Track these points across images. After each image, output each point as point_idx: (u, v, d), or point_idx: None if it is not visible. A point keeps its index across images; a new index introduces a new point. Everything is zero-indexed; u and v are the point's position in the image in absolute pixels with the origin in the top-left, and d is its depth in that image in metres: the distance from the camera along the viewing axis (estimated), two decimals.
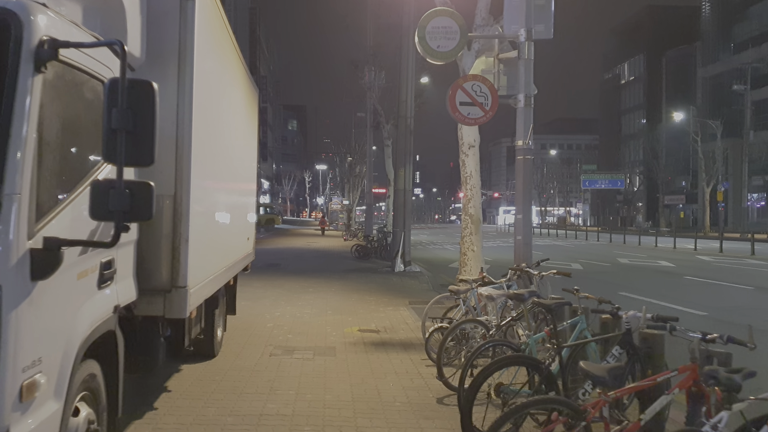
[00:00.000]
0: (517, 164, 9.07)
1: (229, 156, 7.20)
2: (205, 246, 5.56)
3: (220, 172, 6.52)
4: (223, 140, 6.62)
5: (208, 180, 5.69)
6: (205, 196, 5.60)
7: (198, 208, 5.19)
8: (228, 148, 7.08)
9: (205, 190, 5.54)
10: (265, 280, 16.63)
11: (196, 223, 5.12)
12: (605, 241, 43.72)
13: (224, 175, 6.81)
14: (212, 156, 5.91)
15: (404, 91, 21.21)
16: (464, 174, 11.87)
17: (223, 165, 6.69)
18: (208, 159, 5.67)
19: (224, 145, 6.76)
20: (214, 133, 5.98)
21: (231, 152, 7.31)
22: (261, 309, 11.84)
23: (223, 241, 6.78)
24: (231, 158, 7.34)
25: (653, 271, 22.64)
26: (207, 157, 5.58)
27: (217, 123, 6.23)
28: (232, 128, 7.42)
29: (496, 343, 5.86)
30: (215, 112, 6.08)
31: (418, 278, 18.71)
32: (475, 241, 11.67)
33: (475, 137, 11.88)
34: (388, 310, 12.04)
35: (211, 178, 5.92)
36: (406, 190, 21.28)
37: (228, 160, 7.11)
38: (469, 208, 11.78)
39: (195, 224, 5.03)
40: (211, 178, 5.92)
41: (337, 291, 14.88)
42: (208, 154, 5.61)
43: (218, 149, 6.32)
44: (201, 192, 5.32)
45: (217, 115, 6.18)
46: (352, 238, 42.69)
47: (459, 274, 11.76)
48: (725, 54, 71.31)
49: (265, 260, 23.89)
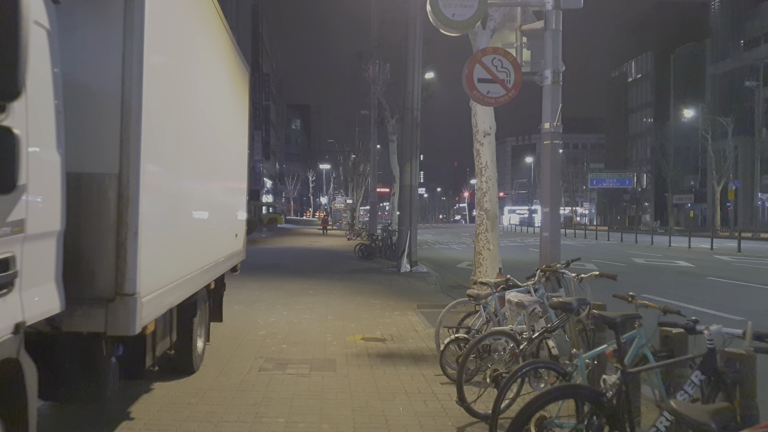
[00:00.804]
0: (543, 151, 7.93)
1: (208, 138, 6.06)
2: (169, 242, 4.44)
3: (193, 154, 5.37)
4: (196, 116, 5.48)
5: (172, 160, 4.55)
6: (169, 180, 4.47)
7: (156, 194, 4.08)
8: (206, 127, 5.95)
9: (167, 172, 4.41)
10: (262, 282, 15.51)
11: (154, 213, 4.00)
12: (616, 241, 42.47)
13: (200, 159, 5.67)
14: (179, 131, 4.77)
15: (411, 82, 20.06)
16: (479, 165, 10.73)
17: (197, 146, 5.55)
18: (172, 134, 4.54)
19: (199, 123, 5.62)
20: (181, 104, 4.85)
21: (210, 134, 6.18)
22: (255, 314, 10.71)
23: (200, 237, 5.65)
24: (210, 141, 6.21)
25: (673, 271, 21.45)
26: (170, 132, 4.46)
27: (187, 91, 5.08)
28: (212, 105, 6.29)
29: (538, 365, 4.73)
30: (183, 77, 4.93)
31: (426, 279, 17.58)
32: (491, 239, 10.52)
33: (491, 124, 10.74)
34: (394, 315, 10.91)
35: (178, 158, 4.77)
36: (413, 186, 20.14)
37: (206, 142, 5.98)
38: (484, 202, 10.64)
39: (151, 214, 3.91)
40: (178, 158, 4.77)
41: (339, 293, 13.75)
42: (171, 128, 4.48)
43: (189, 125, 5.16)
44: (161, 174, 4.20)
45: (185, 81, 5.03)
46: (355, 238, 41.69)
47: (473, 275, 10.62)
48: (736, 50, 70.26)
49: (265, 260, 22.78)
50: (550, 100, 7.81)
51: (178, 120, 4.75)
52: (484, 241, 10.51)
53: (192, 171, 5.32)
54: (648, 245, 37.11)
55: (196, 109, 5.49)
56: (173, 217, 4.58)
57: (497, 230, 10.67)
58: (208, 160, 6.04)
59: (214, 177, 6.40)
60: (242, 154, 8.61)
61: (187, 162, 5.08)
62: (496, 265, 10.47)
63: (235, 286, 14.27)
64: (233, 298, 12.27)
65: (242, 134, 8.58)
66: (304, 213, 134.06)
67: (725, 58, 71.50)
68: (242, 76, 8.47)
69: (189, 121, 5.13)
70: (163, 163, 4.28)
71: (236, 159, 8.06)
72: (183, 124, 4.92)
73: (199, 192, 5.64)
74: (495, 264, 10.46)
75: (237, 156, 8.11)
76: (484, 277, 10.28)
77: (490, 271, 10.39)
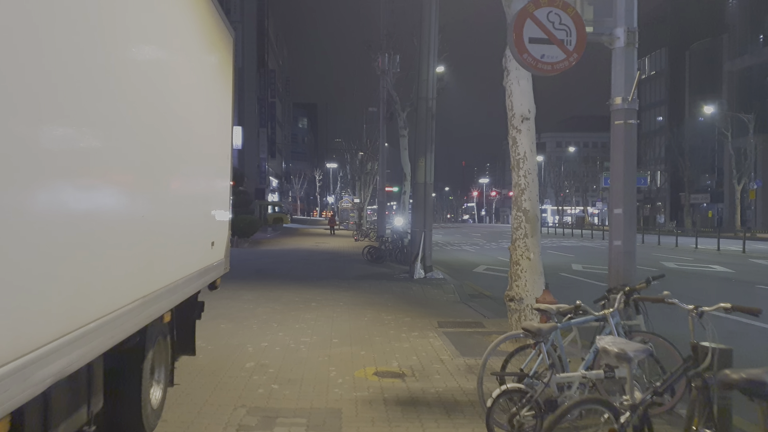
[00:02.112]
0: (614, 134, 6.07)
1: (149, 112, 4.19)
2: (42, 267, 2.59)
3: (114, 134, 3.47)
4: (124, 75, 3.60)
5: (42, 115, 2.67)
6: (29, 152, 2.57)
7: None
8: (147, 95, 4.08)
9: (23, 135, 2.51)
10: (259, 291, 13.67)
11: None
12: (636, 242, 40.41)
13: (132, 141, 3.78)
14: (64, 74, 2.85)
15: (425, 69, 18.19)
16: (515, 156, 8.84)
17: (126, 122, 3.67)
18: (44, 76, 2.65)
19: (131, 86, 3.74)
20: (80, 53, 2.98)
21: (155, 107, 4.29)
22: (244, 336, 8.87)
23: (132, 254, 3.74)
24: (154, 118, 4.34)
25: (713, 278, 19.50)
26: (37, 72, 2.58)
27: (96, 40, 3.19)
28: (158, 68, 4.41)
29: None
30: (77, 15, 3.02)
31: (443, 287, 15.71)
32: (531, 246, 8.63)
33: (529, 107, 8.86)
34: (412, 337, 9.05)
35: (60, 115, 2.85)
36: (427, 184, 18.25)
37: (145, 117, 4.12)
38: (522, 201, 8.74)
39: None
40: (60, 115, 2.85)
41: (346, 306, 11.90)
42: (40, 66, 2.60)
43: (99, 72, 3.25)
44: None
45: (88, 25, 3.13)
46: (363, 239, 40.03)
47: (509, 289, 8.75)
48: (754, 46, 68.18)
49: (266, 264, 20.95)
50: (623, 66, 5.96)
51: (73, 59, 2.88)
52: (522, 248, 8.62)
53: (112, 144, 3.43)
54: (672, 247, 35.11)
55: (124, 67, 3.59)
56: (48, 226, 2.68)
57: (539, 236, 8.77)
58: (151, 143, 4.13)
59: (166, 168, 4.50)
60: (221, 138, 6.69)
61: (95, 126, 3.18)
62: (539, 279, 8.59)
63: (225, 297, 12.47)
64: (221, 313, 10.45)
65: (221, 113, 6.67)
66: (311, 212, 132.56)
67: (743, 54, 69.46)
68: (222, 40, 6.62)
69: (102, 65, 3.23)
70: (16, 119, 2.40)
71: (210, 145, 6.16)
72: (89, 70, 3.05)
73: (131, 186, 3.75)
74: (536, 277, 8.58)
75: (211, 140, 6.19)
76: (524, 293, 8.43)
77: (530, 285, 8.52)
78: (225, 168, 6.85)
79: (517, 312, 8.57)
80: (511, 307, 8.65)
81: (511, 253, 8.83)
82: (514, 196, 8.89)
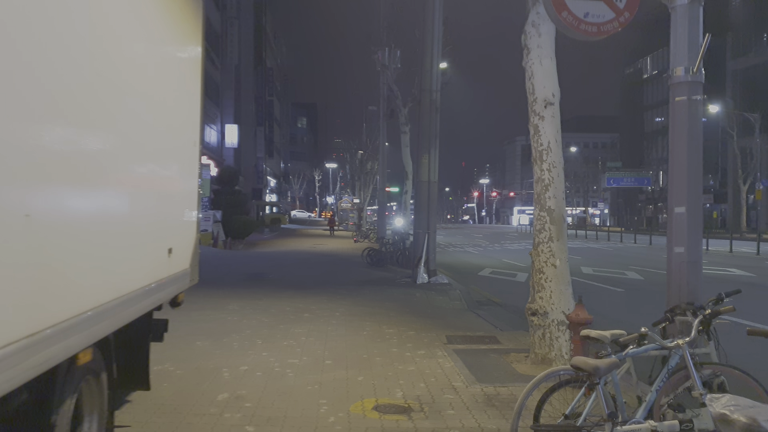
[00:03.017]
0: (674, 112, 4.83)
1: (71, 75, 2.97)
2: None
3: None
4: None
5: None
6: None
7: None
8: (63, 53, 2.86)
9: None
10: (246, 300, 12.41)
11: None
12: (644, 243, 39.19)
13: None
14: None
15: (428, 59, 16.95)
16: (538, 146, 7.59)
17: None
18: None
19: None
20: None
21: (76, 70, 3.07)
22: (222, 356, 7.62)
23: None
24: (81, 83, 3.11)
25: (737, 283, 18.24)
26: None
27: None
28: (90, 19, 3.19)
29: None
30: None
31: (448, 293, 14.47)
32: (556, 252, 7.37)
33: (554, 90, 7.62)
34: (419, 356, 7.80)
35: None
36: (431, 182, 17.01)
37: (67, 80, 2.90)
38: (546, 199, 7.49)
39: None
40: None
41: (342, 317, 10.65)
42: None
43: None
44: None
45: None
46: (363, 240, 38.91)
47: (531, 301, 7.50)
48: (759, 45, 67.11)
49: (258, 268, 19.68)
50: (686, 29, 4.72)
51: None
52: (546, 254, 7.36)
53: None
54: None
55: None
56: None
57: (565, 238, 7.52)
58: (67, 123, 2.90)
59: (86, 156, 3.24)
60: (184, 126, 5.40)
61: None
62: (566, 289, 7.35)
63: (208, 307, 11.23)
64: (200, 328, 9.21)
65: (183, 96, 5.37)
66: (310, 213, 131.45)
67: (747, 53, 68.37)
68: (186, 1, 5.37)
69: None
70: None
71: (167, 133, 4.89)
72: None
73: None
74: (563, 287, 7.33)
75: (168, 128, 4.91)
76: (549, 306, 7.19)
77: (556, 297, 7.28)
78: (189, 162, 5.57)
79: (540, 328, 7.33)
80: (533, 322, 7.40)
81: (533, 259, 7.58)
82: (536, 193, 7.65)
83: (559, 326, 7.21)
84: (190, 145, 5.56)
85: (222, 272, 18.06)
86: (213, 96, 47.00)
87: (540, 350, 7.34)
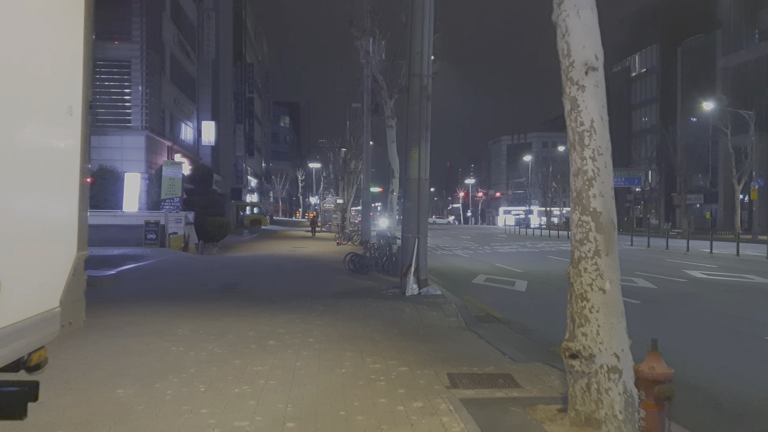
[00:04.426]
0: None
1: None
2: None
3: None
4: None
5: None
6: None
7: None
8: None
9: None
10: (201, 321, 10.28)
11: None
12: (641, 246, 37.38)
13: None
14: None
15: (418, 39, 14.90)
16: (576, 127, 5.53)
17: None
18: None
19: None
20: None
21: None
22: (143, 416, 5.48)
23: None
24: None
25: (757, 291, 16.39)
26: None
27: None
28: None
29: None
30: None
31: (442, 308, 12.45)
32: (605, 271, 5.31)
33: (596, 50, 5.57)
34: (414, 412, 5.72)
35: None
36: (421, 180, 14.96)
37: None
38: (590, 198, 5.43)
39: None
40: None
41: (316, 345, 8.55)
42: None
43: None
44: None
45: None
46: (346, 242, 36.94)
47: (569, 338, 5.44)
48: (750, 42, 66.06)
49: (224, 277, 17.43)
50: None
51: None
52: (591, 273, 5.32)
53: None
54: (683, 252, 32.09)
55: None
56: None
57: (616, 253, 5.47)
58: None
59: None
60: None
61: None
62: (619, 323, 5.31)
63: (152, 331, 9.10)
64: (132, 364, 7.10)
65: (53, 50, 3.26)
66: (293, 213, 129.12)
67: (738, 50, 67.27)
68: None
69: None
70: None
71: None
72: None
73: None
74: (615, 319, 5.29)
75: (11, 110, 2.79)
76: (596, 346, 5.17)
77: (605, 333, 5.23)
78: (57, 134, 3.45)
79: (584, 377, 5.27)
80: (574, 367, 5.34)
81: (571, 280, 5.52)
82: (575, 190, 5.58)
83: (610, 374, 5.19)
84: (57, 110, 3.44)
85: (183, 283, 15.86)
86: (188, 91, 44.67)
87: (583, 407, 5.29)
